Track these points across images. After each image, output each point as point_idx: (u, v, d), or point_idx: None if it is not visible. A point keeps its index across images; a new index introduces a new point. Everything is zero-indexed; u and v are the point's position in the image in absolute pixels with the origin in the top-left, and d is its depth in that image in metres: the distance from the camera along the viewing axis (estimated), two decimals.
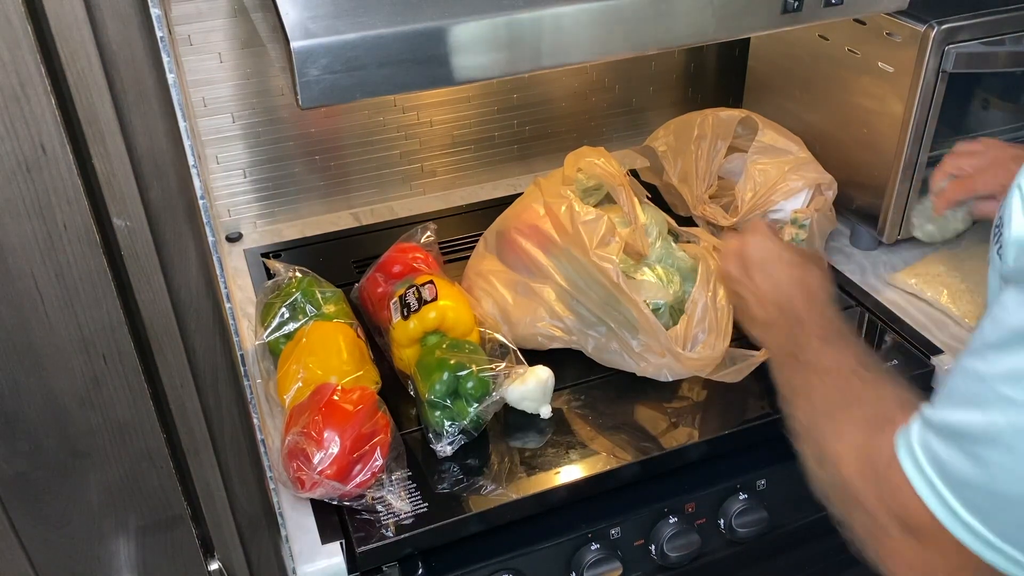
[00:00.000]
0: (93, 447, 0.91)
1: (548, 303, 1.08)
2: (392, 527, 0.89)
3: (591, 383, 1.08)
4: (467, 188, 1.51)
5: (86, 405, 0.88)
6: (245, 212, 1.38)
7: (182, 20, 1.19)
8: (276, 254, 1.33)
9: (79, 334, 0.84)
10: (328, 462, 0.88)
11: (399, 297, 1.04)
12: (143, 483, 0.96)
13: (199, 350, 0.98)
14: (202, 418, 1.01)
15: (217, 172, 1.33)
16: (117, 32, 0.77)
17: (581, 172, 1.18)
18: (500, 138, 1.49)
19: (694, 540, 0.99)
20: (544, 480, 0.96)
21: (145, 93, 0.81)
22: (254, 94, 1.28)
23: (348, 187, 1.42)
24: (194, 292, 0.94)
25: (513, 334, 1.08)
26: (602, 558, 0.96)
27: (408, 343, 1.03)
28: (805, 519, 1.08)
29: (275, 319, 1.07)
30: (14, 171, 0.75)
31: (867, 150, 1.27)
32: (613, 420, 1.03)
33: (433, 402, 0.96)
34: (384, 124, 1.39)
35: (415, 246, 1.16)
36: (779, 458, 1.05)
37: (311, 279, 1.11)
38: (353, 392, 0.94)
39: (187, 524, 1.01)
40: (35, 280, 0.80)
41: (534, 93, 1.46)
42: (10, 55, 0.71)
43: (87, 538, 0.96)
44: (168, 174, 0.85)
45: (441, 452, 0.96)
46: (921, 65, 1.14)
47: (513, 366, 0.99)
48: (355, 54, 0.73)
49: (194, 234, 0.89)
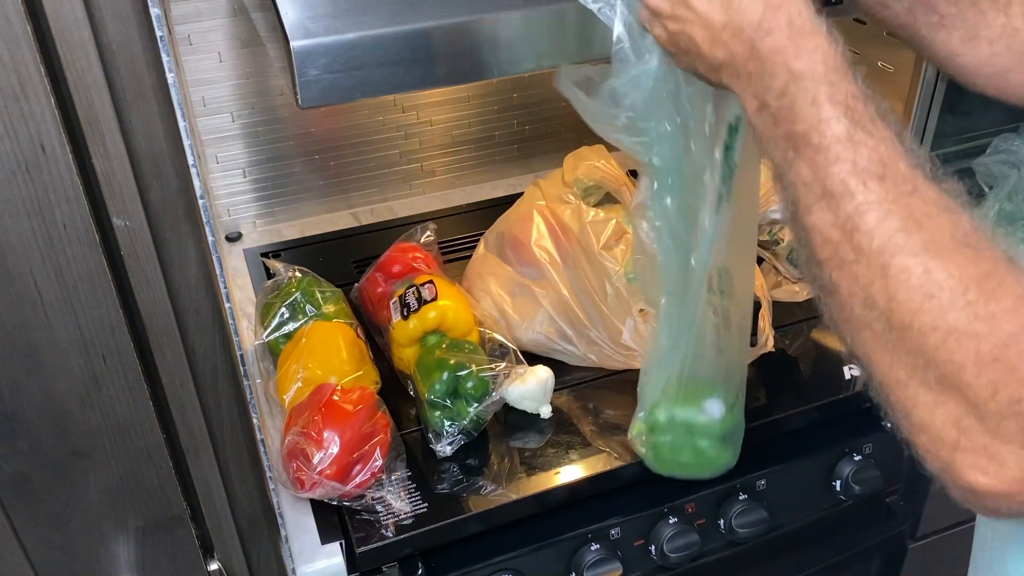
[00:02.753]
0: (93, 447, 0.91)
1: (548, 307, 1.08)
2: (392, 527, 0.89)
3: (591, 383, 1.08)
4: (467, 188, 1.50)
5: (86, 405, 0.88)
6: (245, 212, 1.38)
7: (182, 20, 1.18)
8: (276, 254, 1.33)
9: (79, 334, 0.85)
10: (328, 462, 0.88)
11: (399, 297, 1.04)
12: (143, 483, 0.96)
13: (199, 350, 0.98)
14: (202, 418, 1.01)
15: (217, 172, 1.33)
16: (117, 32, 0.77)
17: (581, 174, 1.18)
18: (500, 138, 1.49)
19: (694, 540, 0.99)
20: (544, 480, 0.96)
21: (145, 93, 0.81)
22: (254, 94, 1.28)
23: (348, 187, 1.42)
24: (194, 292, 0.94)
25: (512, 336, 1.08)
26: (602, 558, 0.96)
27: (408, 343, 1.02)
28: (805, 519, 1.08)
29: (275, 319, 1.07)
30: (14, 171, 0.75)
31: None
32: (613, 420, 1.03)
33: (433, 402, 0.96)
34: (384, 124, 1.39)
35: (415, 246, 1.16)
36: (779, 458, 1.05)
37: (311, 279, 1.11)
38: (353, 392, 0.94)
39: (187, 524, 1.01)
40: (35, 280, 0.80)
41: (534, 93, 1.46)
42: (10, 55, 0.71)
43: (87, 538, 0.96)
44: (168, 174, 0.85)
45: (441, 452, 0.96)
46: (921, 65, 1.14)
47: (513, 366, 0.99)
48: (355, 54, 0.73)
49: (194, 234, 0.89)
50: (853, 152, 0.56)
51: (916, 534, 1.24)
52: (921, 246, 0.53)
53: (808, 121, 0.58)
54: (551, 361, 1.06)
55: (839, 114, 0.57)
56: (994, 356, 0.50)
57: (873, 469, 1.08)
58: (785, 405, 1.02)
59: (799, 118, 0.59)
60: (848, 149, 0.56)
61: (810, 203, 0.58)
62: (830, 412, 1.07)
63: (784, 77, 0.60)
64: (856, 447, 1.08)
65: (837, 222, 0.56)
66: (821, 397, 1.07)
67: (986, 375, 0.50)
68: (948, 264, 0.52)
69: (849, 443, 1.08)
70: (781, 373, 1.11)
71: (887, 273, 0.53)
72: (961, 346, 0.51)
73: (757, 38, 0.62)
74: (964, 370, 0.51)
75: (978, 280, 0.51)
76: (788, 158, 0.59)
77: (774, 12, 0.61)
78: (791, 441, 1.05)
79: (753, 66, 0.62)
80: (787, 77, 0.60)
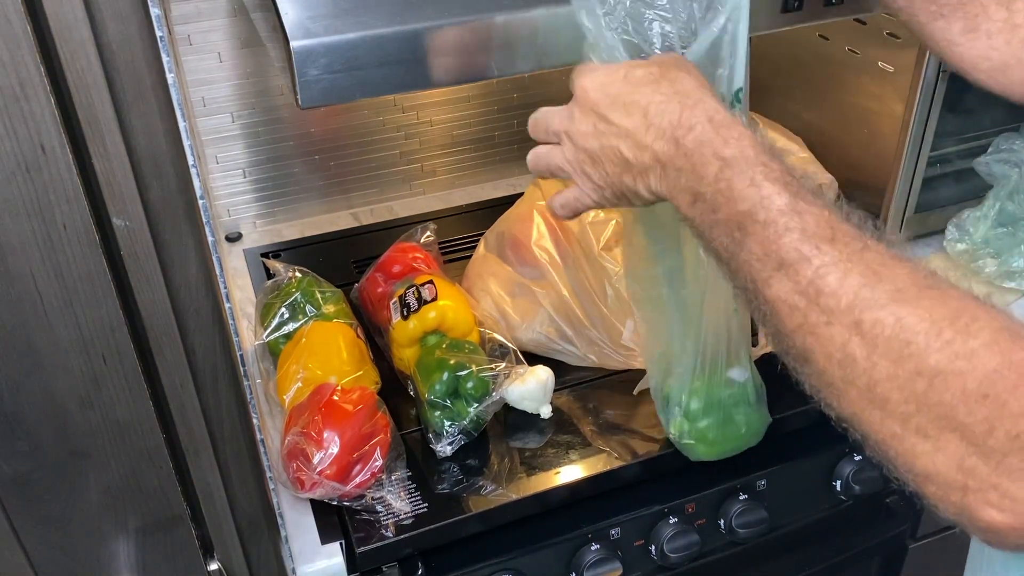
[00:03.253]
0: (93, 447, 0.91)
1: (548, 308, 1.08)
2: (392, 527, 0.89)
3: (591, 383, 1.08)
4: (467, 188, 1.50)
5: (86, 405, 0.88)
6: (245, 212, 1.38)
7: (182, 20, 1.18)
8: (276, 254, 1.33)
9: (79, 334, 0.85)
10: (328, 462, 0.88)
11: (399, 297, 1.04)
12: (143, 483, 0.96)
13: (199, 350, 0.98)
14: (202, 418, 1.01)
15: (217, 172, 1.33)
16: (117, 32, 0.77)
17: None
18: (500, 138, 1.49)
19: (694, 540, 0.99)
20: (544, 480, 0.96)
21: (145, 93, 0.81)
22: (254, 94, 1.28)
23: (348, 187, 1.42)
24: (194, 292, 0.94)
25: (512, 336, 1.08)
26: (602, 558, 0.96)
27: (408, 343, 1.02)
28: (805, 519, 1.08)
29: (275, 319, 1.07)
30: (14, 171, 0.75)
31: (867, 150, 1.27)
32: (613, 420, 1.03)
33: (433, 402, 0.96)
34: (384, 124, 1.39)
35: (415, 246, 1.16)
36: (779, 458, 1.05)
37: (311, 279, 1.11)
38: (353, 392, 0.94)
39: (187, 524, 1.01)
40: (35, 280, 0.80)
41: (534, 93, 1.46)
42: (10, 55, 0.71)
43: (87, 538, 0.96)
44: (167, 174, 0.85)
45: (441, 452, 0.96)
46: (921, 65, 1.14)
47: (513, 366, 0.99)
48: (355, 54, 0.73)
49: (193, 234, 0.89)
50: (800, 220, 0.57)
51: (916, 534, 1.24)
52: (887, 297, 0.53)
53: (750, 200, 0.59)
54: (551, 361, 1.06)
55: (779, 189, 0.58)
56: (982, 392, 0.50)
57: (873, 469, 1.07)
58: (785, 405, 1.02)
59: (740, 199, 0.60)
60: (794, 219, 0.57)
61: (767, 277, 0.58)
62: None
63: (716, 165, 0.61)
64: (856, 447, 1.08)
65: (799, 288, 0.56)
66: None
67: (979, 412, 0.50)
68: (917, 309, 0.52)
69: (849, 443, 1.07)
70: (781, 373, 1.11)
71: (861, 329, 0.53)
72: (949, 386, 0.51)
73: (680, 135, 0.63)
74: (956, 409, 0.50)
75: (950, 319, 0.51)
76: (735, 239, 0.60)
77: (691, 111, 0.64)
78: (791, 441, 1.05)
79: (682, 161, 0.63)
80: (719, 164, 0.61)
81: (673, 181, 0.65)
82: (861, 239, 0.56)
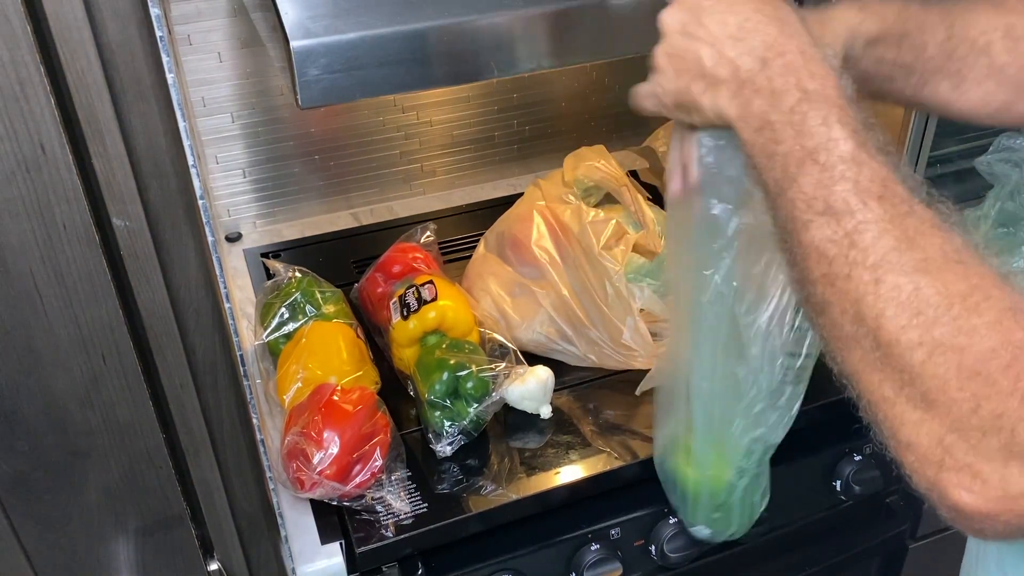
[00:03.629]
0: (93, 447, 0.91)
1: (548, 308, 1.08)
2: (392, 527, 0.89)
3: (591, 383, 1.08)
4: (467, 188, 1.50)
5: (86, 405, 0.88)
6: (245, 212, 1.38)
7: (182, 20, 1.18)
8: (276, 254, 1.33)
9: (79, 334, 0.85)
10: (328, 462, 0.88)
11: (399, 297, 1.04)
12: (143, 483, 0.96)
13: (199, 350, 0.98)
14: (201, 418, 1.01)
15: (216, 172, 1.33)
16: (117, 32, 0.77)
17: (581, 175, 1.18)
18: (500, 138, 1.49)
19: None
20: (544, 480, 0.96)
21: (144, 93, 0.81)
22: (254, 94, 1.28)
23: (348, 187, 1.42)
24: (193, 292, 0.94)
25: (512, 336, 1.08)
26: (602, 558, 0.96)
27: (408, 343, 1.02)
28: (805, 519, 1.08)
29: (275, 319, 1.07)
30: (14, 171, 0.75)
31: None
32: (613, 420, 1.03)
33: (433, 402, 0.96)
34: (384, 124, 1.39)
35: (415, 246, 1.16)
36: (779, 458, 1.05)
37: (311, 279, 1.11)
38: (353, 392, 0.94)
39: (187, 524, 1.01)
40: (35, 280, 0.80)
41: (534, 93, 1.46)
42: (10, 55, 0.71)
43: (87, 538, 0.96)
44: (167, 174, 0.85)
45: (441, 452, 0.96)
46: None
47: (513, 366, 0.99)
48: (355, 54, 0.73)
49: (193, 234, 0.89)
50: (856, 171, 0.57)
51: (916, 534, 1.24)
52: (913, 265, 0.54)
53: (817, 138, 0.59)
54: (551, 361, 1.06)
55: (847, 135, 0.58)
56: (975, 369, 0.50)
57: (873, 469, 1.08)
58: None
59: (809, 135, 0.59)
60: (852, 169, 0.57)
61: (809, 220, 0.58)
62: (830, 412, 1.07)
63: (796, 96, 0.61)
64: (856, 447, 1.08)
65: (835, 238, 0.57)
66: (821, 397, 1.06)
67: (968, 389, 0.50)
68: (937, 281, 0.53)
69: (849, 443, 1.08)
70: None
71: (878, 289, 0.54)
72: (946, 360, 0.51)
73: (770, 56, 0.63)
74: (948, 384, 0.51)
75: (964, 295, 0.52)
76: (790, 174, 0.60)
77: (787, 39, 0.63)
78: (791, 441, 1.05)
79: (763, 82, 0.63)
80: (799, 96, 0.61)
81: (745, 102, 0.63)
82: (909, 203, 0.57)
